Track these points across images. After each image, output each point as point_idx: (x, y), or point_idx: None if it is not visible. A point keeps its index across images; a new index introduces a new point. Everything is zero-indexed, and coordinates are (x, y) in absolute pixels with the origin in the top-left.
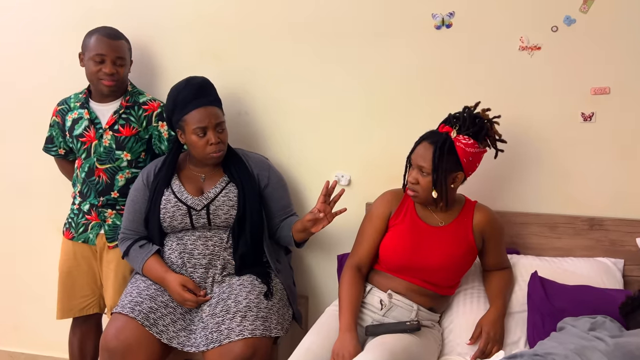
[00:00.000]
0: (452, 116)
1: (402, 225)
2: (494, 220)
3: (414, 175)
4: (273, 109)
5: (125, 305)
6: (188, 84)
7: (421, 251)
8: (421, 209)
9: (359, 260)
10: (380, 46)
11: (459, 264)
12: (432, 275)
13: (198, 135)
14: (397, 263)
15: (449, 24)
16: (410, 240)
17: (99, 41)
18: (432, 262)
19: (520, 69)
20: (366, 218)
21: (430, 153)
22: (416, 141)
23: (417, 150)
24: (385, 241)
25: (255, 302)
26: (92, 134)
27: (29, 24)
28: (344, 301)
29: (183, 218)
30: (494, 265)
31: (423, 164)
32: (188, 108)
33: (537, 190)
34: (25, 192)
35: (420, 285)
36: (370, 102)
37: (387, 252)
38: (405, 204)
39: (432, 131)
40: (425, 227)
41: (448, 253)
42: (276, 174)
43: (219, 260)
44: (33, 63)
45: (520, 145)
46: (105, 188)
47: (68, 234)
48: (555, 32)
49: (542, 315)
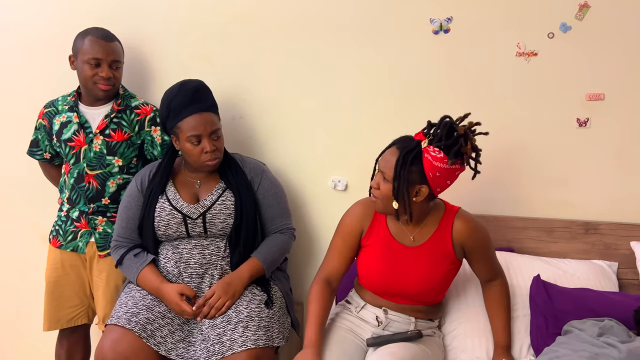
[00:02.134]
0: (430, 124)
1: (374, 246)
2: (475, 232)
3: (376, 180)
4: (268, 113)
5: (121, 316)
6: (182, 88)
7: (397, 275)
8: (394, 225)
9: (329, 274)
10: (378, 50)
11: (440, 283)
12: (416, 296)
13: (192, 143)
14: (376, 288)
15: (447, 29)
16: (384, 265)
17: (93, 44)
18: (410, 287)
19: (517, 75)
20: (337, 231)
21: (394, 159)
22: (388, 145)
23: (384, 154)
24: (362, 263)
25: (256, 311)
26: (81, 138)
27: (13, 25)
28: (310, 315)
29: (178, 227)
30: (485, 276)
31: (385, 169)
32: (182, 114)
33: (534, 194)
34: (7, 198)
35: (409, 303)
36: (367, 107)
37: (364, 277)
38: (376, 219)
39: (406, 137)
40: (399, 248)
41: (426, 276)
42: (269, 180)
43: (216, 270)
44: (16, 65)
45: (516, 151)
46: (95, 194)
47: (55, 242)
48: (552, 39)
49: (545, 319)
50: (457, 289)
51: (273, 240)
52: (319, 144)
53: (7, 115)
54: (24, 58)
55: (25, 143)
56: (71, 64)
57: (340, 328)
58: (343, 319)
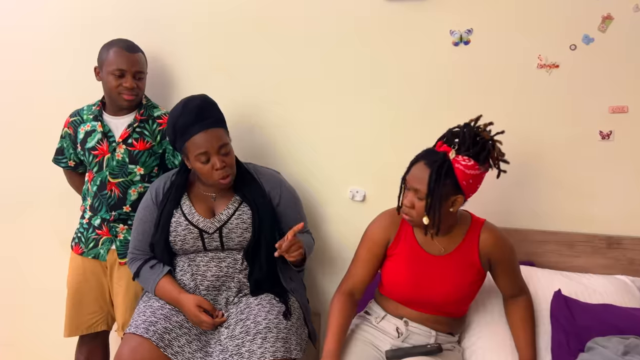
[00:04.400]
0: (450, 132)
1: (401, 255)
2: (502, 244)
3: (409, 199)
4: (287, 123)
5: (139, 325)
6: (185, 108)
7: (424, 284)
8: (421, 235)
9: (353, 286)
10: (398, 61)
11: (466, 293)
12: (441, 307)
13: (201, 161)
14: (401, 296)
15: (467, 41)
16: (410, 273)
17: (118, 55)
18: (437, 296)
19: (538, 87)
20: (363, 241)
21: (426, 176)
22: (412, 160)
23: (412, 171)
24: (387, 272)
25: (274, 323)
26: (105, 147)
27: (37, 35)
28: (331, 326)
29: (195, 241)
30: (509, 291)
31: (419, 186)
32: (188, 134)
33: (555, 208)
34: (31, 205)
35: (433, 314)
36: (386, 117)
37: (389, 286)
38: (403, 229)
39: (429, 150)
40: (426, 257)
41: (453, 284)
42: (288, 190)
43: (233, 282)
44: (42, 74)
45: (537, 163)
46: (117, 202)
47: (77, 249)
48: (574, 51)
49: (566, 335)
50: (476, 303)
51: (303, 236)
52: (337, 154)
53: (33, 124)
54: (52, 69)
55: (49, 150)
56: (96, 75)
57: (359, 340)
58: (362, 330)
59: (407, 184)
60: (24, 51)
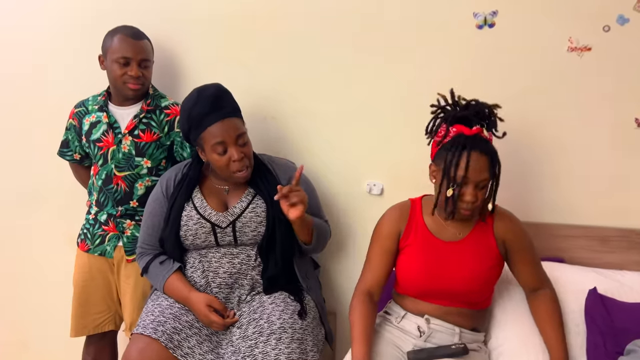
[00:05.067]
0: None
1: (414, 245)
2: (516, 225)
3: (472, 194)
4: (301, 114)
5: (147, 325)
6: (199, 97)
7: (441, 273)
8: (433, 223)
9: (370, 286)
10: (417, 47)
11: (486, 278)
12: (461, 296)
13: (218, 152)
14: (418, 289)
15: (491, 24)
16: (425, 262)
17: (122, 42)
18: (456, 284)
19: (569, 72)
20: (373, 240)
21: (486, 163)
22: (456, 154)
23: (471, 165)
24: (400, 266)
25: (289, 323)
26: (110, 138)
27: (40, 26)
28: (355, 332)
29: (207, 236)
30: (530, 283)
31: (483, 176)
32: (203, 125)
33: (586, 200)
34: (37, 201)
35: (455, 306)
36: (405, 107)
37: (405, 279)
38: (414, 219)
39: (470, 137)
40: (441, 244)
41: (471, 269)
42: (304, 180)
43: (246, 280)
44: (45, 65)
45: (568, 152)
46: (123, 197)
47: (83, 245)
48: (607, 32)
49: (603, 336)
50: (502, 297)
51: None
52: (354, 146)
53: (36, 116)
54: (55, 58)
55: (53, 145)
56: (101, 64)
57: (381, 341)
58: (384, 330)
59: (467, 180)
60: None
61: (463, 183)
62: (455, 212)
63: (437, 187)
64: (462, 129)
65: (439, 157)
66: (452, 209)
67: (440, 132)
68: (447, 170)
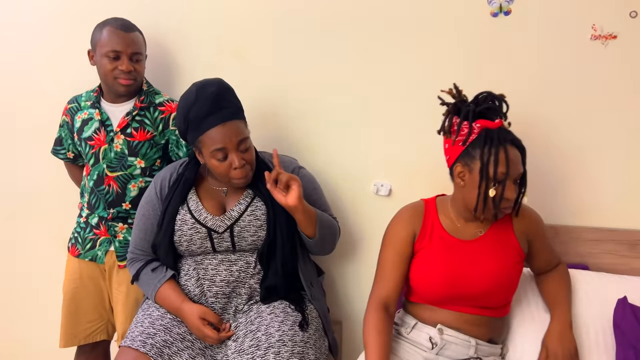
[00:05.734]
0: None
1: (431, 247)
2: (535, 216)
3: (513, 191)
4: (304, 111)
5: (136, 337)
6: (199, 96)
7: (462, 273)
8: (449, 223)
9: (385, 295)
10: (427, 38)
11: (511, 276)
12: (483, 299)
13: (218, 159)
14: (437, 295)
15: (507, 11)
16: (446, 264)
17: (112, 35)
18: (480, 285)
19: (592, 62)
20: (386, 244)
21: (519, 155)
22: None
23: (511, 159)
24: (416, 270)
25: (289, 335)
26: (102, 137)
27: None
28: (371, 348)
29: (203, 242)
30: (545, 267)
31: (520, 169)
32: (203, 127)
33: (612, 201)
34: (28, 203)
35: (473, 312)
36: (415, 102)
37: (421, 284)
38: (429, 220)
39: (502, 131)
40: (459, 244)
41: (496, 267)
42: (306, 176)
43: (244, 289)
44: (34, 62)
45: (591, 150)
46: (115, 199)
47: (74, 250)
48: (635, 19)
49: (635, 350)
50: (520, 308)
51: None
52: (360, 144)
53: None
54: (46, 55)
55: (46, 144)
56: (90, 59)
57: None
58: (393, 342)
59: (508, 177)
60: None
61: (505, 182)
62: (498, 212)
63: (470, 189)
64: (486, 123)
65: (468, 157)
66: (496, 210)
67: (462, 130)
68: (485, 169)
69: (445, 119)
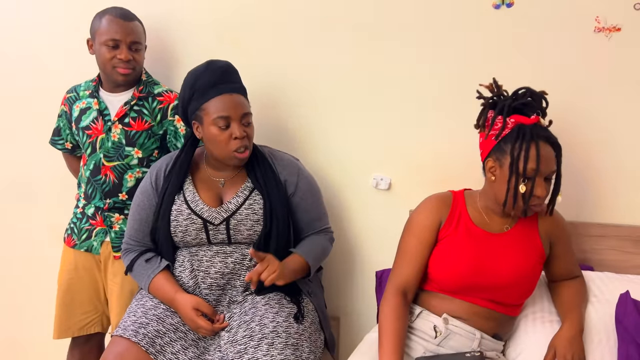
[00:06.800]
0: (537, 100)
1: (456, 236)
2: (561, 219)
3: (545, 188)
4: (302, 103)
5: (128, 327)
6: (209, 67)
7: (486, 265)
8: (477, 215)
9: (405, 283)
10: (427, 30)
11: (531, 275)
12: (500, 293)
13: (219, 127)
14: (457, 283)
15: (509, 3)
16: (471, 253)
17: (111, 23)
18: (502, 278)
19: (595, 55)
20: (409, 231)
21: (552, 152)
22: (523, 146)
23: (542, 155)
24: (438, 257)
25: (283, 326)
26: (99, 126)
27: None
28: (387, 334)
29: (198, 233)
30: (564, 275)
31: (552, 167)
32: (208, 95)
33: (617, 196)
34: (25, 194)
35: (485, 306)
36: (414, 94)
37: (442, 271)
38: (457, 210)
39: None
40: (486, 235)
41: (518, 263)
42: (306, 180)
43: (239, 281)
44: (31, 52)
45: (595, 144)
46: (112, 189)
47: (70, 240)
48: (639, 10)
49: (637, 346)
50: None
51: (313, 240)
52: (359, 137)
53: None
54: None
55: (43, 135)
56: (89, 48)
57: None
58: None
59: (539, 174)
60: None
61: (529, 179)
62: (528, 209)
63: (500, 184)
64: (521, 119)
65: (500, 152)
66: (525, 206)
67: (496, 124)
68: (515, 164)
69: (481, 113)
